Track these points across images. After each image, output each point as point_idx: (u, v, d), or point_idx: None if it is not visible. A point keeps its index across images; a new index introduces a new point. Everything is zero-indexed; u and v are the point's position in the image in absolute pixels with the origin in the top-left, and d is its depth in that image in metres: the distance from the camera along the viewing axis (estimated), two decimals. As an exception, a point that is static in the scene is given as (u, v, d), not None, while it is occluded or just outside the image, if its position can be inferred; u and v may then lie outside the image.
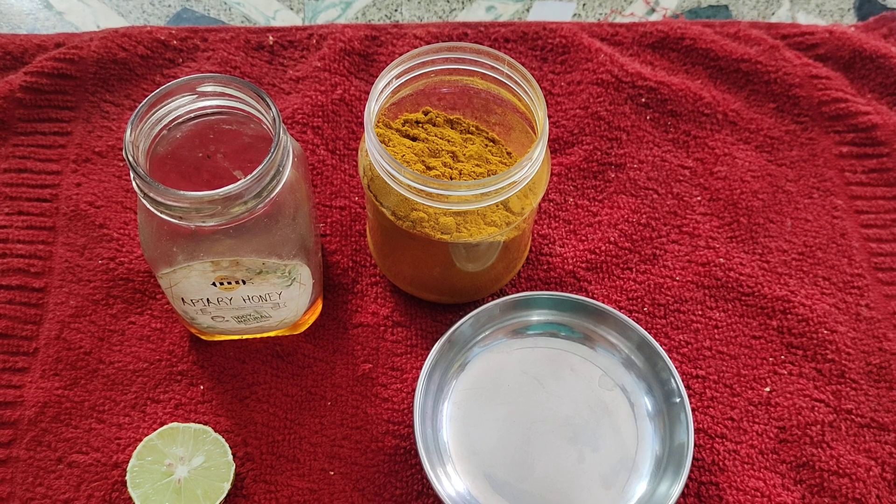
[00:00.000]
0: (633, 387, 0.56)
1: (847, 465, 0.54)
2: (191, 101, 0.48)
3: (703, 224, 0.64)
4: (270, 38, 0.72)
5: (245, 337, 0.58)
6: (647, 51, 0.72)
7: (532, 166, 0.49)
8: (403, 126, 0.56)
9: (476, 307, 0.56)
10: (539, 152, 0.49)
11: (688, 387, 0.57)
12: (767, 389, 0.57)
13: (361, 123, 0.68)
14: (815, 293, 0.61)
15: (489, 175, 0.53)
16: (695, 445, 0.54)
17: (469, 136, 0.56)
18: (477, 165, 0.54)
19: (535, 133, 0.54)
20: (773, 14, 0.78)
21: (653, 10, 0.78)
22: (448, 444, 0.54)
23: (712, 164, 0.66)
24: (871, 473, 0.54)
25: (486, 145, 0.56)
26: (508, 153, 0.56)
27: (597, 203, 0.65)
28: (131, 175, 0.44)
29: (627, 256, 0.62)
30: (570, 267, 0.61)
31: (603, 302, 0.59)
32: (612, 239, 0.63)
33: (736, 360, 0.58)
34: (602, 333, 0.57)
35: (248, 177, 0.44)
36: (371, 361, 0.58)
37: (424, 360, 0.55)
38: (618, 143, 0.67)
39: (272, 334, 0.58)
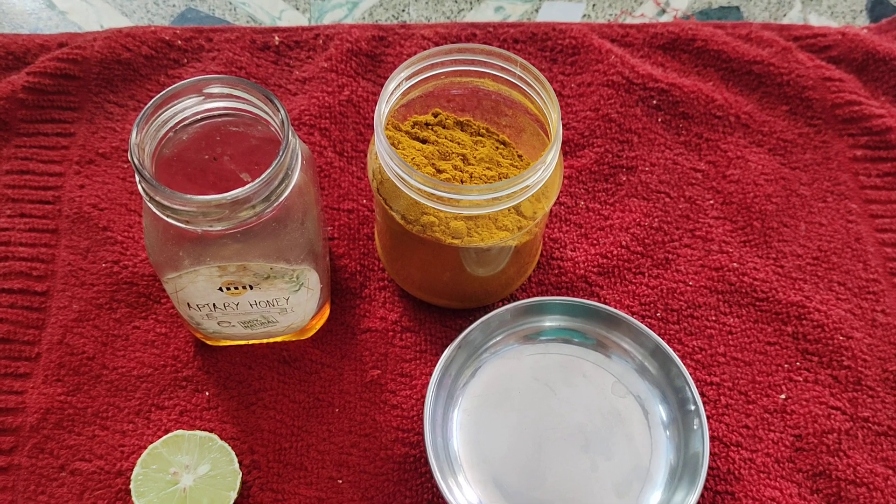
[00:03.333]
0: (647, 394, 0.55)
1: (864, 474, 0.53)
2: (197, 102, 0.47)
3: (716, 228, 0.63)
4: (276, 38, 0.71)
5: (251, 342, 0.57)
6: (658, 52, 0.71)
7: (545, 170, 0.48)
8: (413, 128, 0.55)
9: (486, 312, 0.55)
10: (553, 156, 0.48)
11: (702, 394, 0.56)
12: (783, 397, 0.56)
13: (369, 125, 0.67)
14: (830, 298, 0.60)
15: (500, 178, 0.52)
16: (710, 454, 0.53)
17: (479, 138, 0.55)
18: (488, 168, 0.53)
19: (546, 135, 0.53)
20: (784, 15, 0.77)
21: (663, 11, 0.77)
22: (458, 452, 0.53)
23: (725, 167, 0.66)
24: (889, 482, 0.53)
25: (497, 148, 0.55)
26: (519, 156, 0.55)
27: (608, 206, 0.64)
28: (137, 178, 0.43)
29: (640, 261, 0.61)
30: (582, 271, 0.60)
31: (615, 307, 0.58)
32: (623, 243, 0.62)
33: (751, 367, 0.57)
34: (615, 339, 0.56)
35: (257, 180, 0.43)
36: (379, 367, 0.57)
37: (434, 366, 0.54)
38: (629, 145, 0.66)
39: (279, 339, 0.57)
